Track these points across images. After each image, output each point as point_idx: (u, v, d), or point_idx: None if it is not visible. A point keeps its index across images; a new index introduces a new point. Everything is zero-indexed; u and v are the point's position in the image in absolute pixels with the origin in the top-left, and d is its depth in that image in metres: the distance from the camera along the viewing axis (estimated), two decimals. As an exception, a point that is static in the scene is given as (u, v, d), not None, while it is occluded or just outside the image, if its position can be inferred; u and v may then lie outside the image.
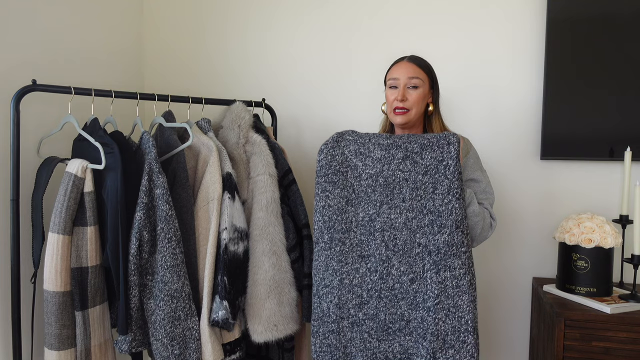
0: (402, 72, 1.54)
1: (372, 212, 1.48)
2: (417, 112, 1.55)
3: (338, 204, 1.49)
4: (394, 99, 1.54)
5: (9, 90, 1.57)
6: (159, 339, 1.52)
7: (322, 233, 1.50)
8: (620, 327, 1.58)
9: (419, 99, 1.54)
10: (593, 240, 1.70)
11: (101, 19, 2.06)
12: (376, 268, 1.47)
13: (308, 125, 2.27)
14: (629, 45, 1.90)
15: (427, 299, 1.42)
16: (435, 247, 1.41)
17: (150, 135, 1.62)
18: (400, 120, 1.55)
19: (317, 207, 1.51)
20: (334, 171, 1.50)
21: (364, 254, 1.49)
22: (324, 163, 1.50)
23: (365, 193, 1.49)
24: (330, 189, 1.49)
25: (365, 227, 1.48)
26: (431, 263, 1.41)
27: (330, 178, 1.50)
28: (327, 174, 1.50)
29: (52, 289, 1.48)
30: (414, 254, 1.45)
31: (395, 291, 1.46)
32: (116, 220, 1.50)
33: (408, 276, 1.45)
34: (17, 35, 1.66)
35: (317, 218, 1.51)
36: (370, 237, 1.48)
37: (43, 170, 1.59)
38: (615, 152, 1.92)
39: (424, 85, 1.55)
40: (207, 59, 2.33)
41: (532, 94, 2.04)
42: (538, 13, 2.01)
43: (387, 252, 1.46)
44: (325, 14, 2.21)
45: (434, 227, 1.41)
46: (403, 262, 1.45)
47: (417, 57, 1.59)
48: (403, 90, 1.53)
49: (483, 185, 1.57)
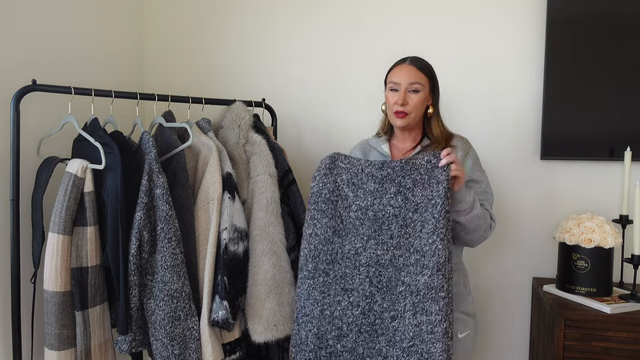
0: (403, 77, 1.53)
1: (359, 246, 1.46)
2: (416, 116, 1.55)
3: (325, 234, 1.47)
4: (394, 102, 1.53)
5: (9, 90, 1.57)
6: (159, 339, 1.52)
7: (306, 261, 1.48)
8: (620, 327, 1.58)
9: (419, 103, 1.54)
10: (593, 240, 1.70)
11: (101, 19, 2.06)
12: (358, 303, 1.45)
13: (308, 125, 2.27)
14: (629, 44, 1.90)
15: (403, 339, 1.40)
16: (416, 287, 1.38)
17: (150, 135, 1.62)
18: (400, 123, 1.55)
19: (305, 235, 1.49)
20: (324, 199, 1.47)
21: (347, 287, 1.46)
22: (315, 190, 1.48)
23: (353, 225, 1.47)
24: (318, 217, 1.47)
25: (350, 260, 1.46)
26: (411, 304, 1.39)
27: (319, 206, 1.47)
28: (317, 202, 1.48)
29: (52, 289, 1.48)
30: (397, 292, 1.43)
31: (375, 327, 1.44)
32: (116, 220, 1.50)
33: (390, 313, 1.43)
34: (17, 35, 1.66)
35: (304, 245, 1.49)
36: (355, 271, 1.46)
37: (43, 170, 1.59)
38: (615, 152, 1.92)
39: (425, 89, 1.54)
40: (207, 59, 2.33)
41: (532, 94, 2.04)
42: (538, 13, 2.01)
43: (370, 288, 1.44)
44: (324, 14, 2.21)
45: (417, 267, 1.39)
46: (386, 299, 1.43)
47: (419, 60, 1.58)
48: (404, 94, 1.52)
49: (483, 185, 1.57)
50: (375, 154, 1.66)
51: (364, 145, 1.71)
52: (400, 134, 1.63)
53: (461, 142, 1.60)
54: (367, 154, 1.68)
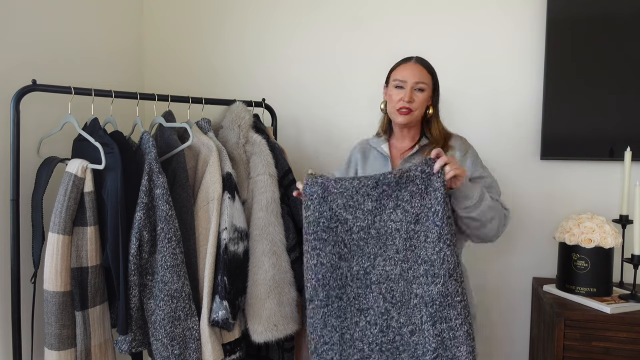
0: (410, 74, 1.54)
1: (367, 265, 1.44)
2: (419, 114, 1.56)
3: (331, 261, 1.44)
4: (399, 99, 1.53)
5: (9, 90, 1.57)
6: (159, 339, 1.52)
7: (316, 291, 1.45)
8: (620, 327, 1.58)
9: (423, 102, 1.55)
10: (593, 240, 1.70)
11: (101, 19, 2.06)
12: (376, 321, 1.44)
13: (308, 125, 2.27)
14: (629, 44, 1.90)
15: (425, 352, 1.38)
16: (430, 298, 1.37)
17: (150, 135, 1.62)
18: (403, 120, 1.54)
19: (309, 265, 1.45)
20: (323, 228, 1.44)
21: (362, 307, 1.45)
22: (312, 220, 1.44)
23: (357, 246, 1.45)
24: (321, 247, 1.44)
25: (361, 280, 1.45)
26: (427, 315, 1.38)
27: (319, 235, 1.44)
28: (316, 232, 1.44)
29: (52, 289, 1.48)
30: (412, 305, 1.41)
31: (396, 343, 1.43)
32: (116, 220, 1.50)
33: (408, 328, 1.42)
34: (17, 35, 1.66)
35: (310, 276, 1.45)
36: (367, 290, 1.44)
37: (43, 170, 1.59)
38: (615, 152, 1.92)
39: (429, 89, 1.55)
40: (207, 59, 2.33)
41: (532, 94, 2.04)
42: (538, 13, 2.01)
43: (385, 305, 1.43)
44: (324, 14, 2.21)
45: (428, 277, 1.38)
46: (402, 313, 1.42)
47: (424, 60, 1.59)
48: (410, 92, 1.52)
49: (488, 181, 1.56)
50: (375, 154, 1.67)
51: (363, 145, 1.72)
52: (399, 133, 1.63)
53: (459, 141, 1.60)
54: (367, 153, 1.69)
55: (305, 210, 1.45)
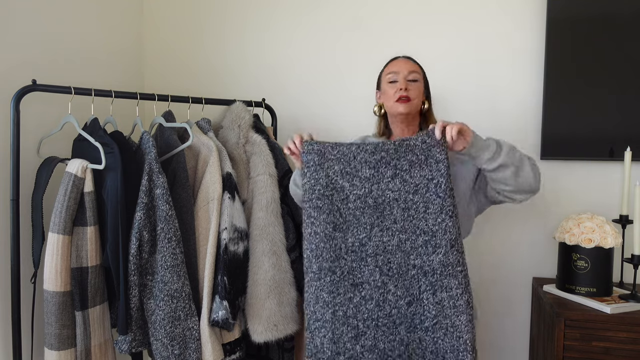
0: (402, 66, 1.56)
1: (363, 236, 1.40)
2: (417, 104, 1.56)
3: (325, 231, 1.39)
4: (395, 90, 1.54)
5: (9, 90, 1.57)
6: (159, 339, 1.52)
7: (310, 262, 1.41)
8: (620, 327, 1.58)
9: (419, 92, 1.56)
10: (593, 240, 1.70)
11: (101, 19, 2.07)
12: (372, 295, 1.39)
13: (308, 125, 2.27)
14: (629, 45, 1.90)
15: (424, 320, 1.37)
16: (431, 268, 1.36)
17: (150, 135, 1.62)
18: (403, 109, 1.52)
19: (305, 235, 1.41)
20: (318, 196, 1.40)
21: (357, 282, 1.40)
22: (308, 187, 1.40)
23: (353, 216, 1.40)
24: (316, 215, 1.40)
25: (356, 253, 1.40)
26: (427, 284, 1.36)
27: (314, 203, 1.40)
28: (311, 199, 1.40)
29: (52, 289, 1.48)
30: (409, 276, 1.39)
31: (393, 317, 1.39)
32: (116, 220, 1.50)
33: (405, 299, 1.39)
34: (17, 35, 1.66)
35: (305, 246, 1.42)
36: (362, 263, 1.40)
37: (43, 170, 1.59)
38: (615, 152, 1.92)
39: (421, 80, 1.58)
40: (207, 59, 2.33)
41: (532, 94, 2.04)
42: (538, 13, 2.01)
43: (382, 277, 1.39)
44: (325, 15, 2.21)
45: (429, 248, 1.36)
46: (399, 285, 1.39)
47: (411, 57, 1.62)
48: (404, 81, 1.53)
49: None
50: None
51: (363, 141, 1.70)
52: (399, 131, 1.62)
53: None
54: None
55: (302, 178, 1.42)
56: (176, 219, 1.56)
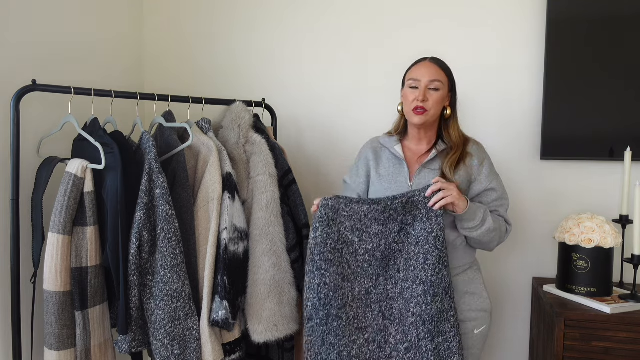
0: (424, 74, 1.53)
1: (369, 286, 1.50)
2: (435, 114, 1.55)
3: (334, 282, 1.48)
4: (414, 99, 1.53)
5: (9, 90, 1.57)
6: (159, 339, 1.52)
7: (316, 310, 1.48)
8: (620, 327, 1.58)
9: (438, 101, 1.54)
10: (593, 240, 1.70)
11: (101, 19, 2.06)
12: (374, 338, 1.50)
13: (308, 125, 2.27)
14: (629, 45, 1.90)
15: None
16: (429, 316, 1.44)
17: (150, 135, 1.62)
18: (418, 120, 1.53)
19: (311, 285, 1.48)
20: (330, 249, 1.48)
21: (361, 326, 1.50)
22: (319, 241, 1.48)
23: (361, 268, 1.50)
24: (326, 267, 1.48)
25: (362, 300, 1.50)
26: (425, 332, 1.45)
27: (325, 256, 1.48)
28: (323, 252, 1.48)
29: (52, 289, 1.48)
30: (408, 323, 1.48)
31: (392, 359, 1.49)
32: (116, 220, 1.50)
33: (404, 345, 1.48)
34: (17, 34, 1.66)
35: (311, 295, 1.49)
36: (367, 310, 1.50)
37: (43, 170, 1.59)
38: (615, 152, 1.92)
39: (444, 88, 1.55)
40: (207, 59, 2.33)
41: (532, 94, 2.04)
42: (538, 13, 2.01)
43: (384, 322, 1.50)
44: (325, 15, 2.21)
45: (427, 297, 1.45)
46: (399, 330, 1.49)
47: (439, 59, 1.59)
48: (424, 91, 1.52)
49: (499, 192, 1.59)
50: (387, 154, 1.64)
51: (374, 144, 1.69)
52: (415, 135, 1.62)
53: (476, 147, 1.60)
54: (379, 153, 1.66)
55: (314, 232, 1.49)
56: (176, 219, 1.56)
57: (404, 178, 1.58)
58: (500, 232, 1.55)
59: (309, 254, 1.50)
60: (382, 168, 1.63)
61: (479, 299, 1.57)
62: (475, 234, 1.49)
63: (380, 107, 2.15)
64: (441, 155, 1.58)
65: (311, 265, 1.49)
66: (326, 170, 2.25)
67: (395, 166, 1.61)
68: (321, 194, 1.84)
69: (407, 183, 1.57)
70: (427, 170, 1.56)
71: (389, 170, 1.61)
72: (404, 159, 1.60)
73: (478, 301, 1.57)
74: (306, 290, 1.50)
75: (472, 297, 1.56)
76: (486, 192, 1.57)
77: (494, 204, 1.58)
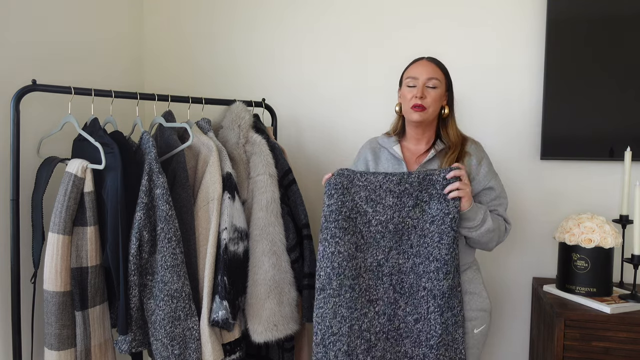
0: (422, 71, 1.54)
1: (381, 258, 1.51)
2: (433, 112, 1.55)
3: (348, 250, 1.48)
4: (412, 97, 1.53)
5: (9, 90, 1.57)
6: (159, 339, 1.52)
7: (330, 280, 1.48)
8: (620, 327, 1.58)
9: (436, 99, 1.54)
10: (593, 240, 1.70)
11: (101, 19, 2.07)
12: (384, 311, 1.51)
13: (308, 125, 2.27)
14: (629, 44, 1.90)
15: (430, 338, 1.48)
16: (441, 291, 1.47)
17: (150, 135, 1.62)
18: (417, 117, 1.54)
19: (325, 253, 1.48)
20: (344, 217, 1.49)
21: (372, 298, 1.51)
22: (334, 208, 1.48)
23: (374, 239, 1.51)
24: (341, 235, 1.48)
25: (373, 272, 1.51)
26: (435, 306, 1.47)
27: (340, 224, 1.48)
28: (337, 220, 1.48)
29: (52, 289, 1.48)
30: (419, 296, 1.50)
31: (400, 330, 1.51)
32: (116, 220, 1.50)
33: (413, 317, 1.50)
34: (17, 34, 1.66)
35: (325, 264, 1.48)
36: (378, 282, 1.51)
37: (43, 170, 1.59)
38: (615, 152, 1.92)
39: (442, 86, 1.55)
40: (207, 59, 2.33)
41: (532, 94, 2.04)
42: (538, 13, 2.01)
43: (394, 295, 1.51)
44: (325, 15, 2.21)
45: (440, 274, 1.47)
46: (409, 303, 1.51)
47: (435, 59, 1.60)
48: (422, 88, 1.52)
49: (498, 191, 1.59)
50: (386, 155, 1.65)
51: (373, 145, 1.69)
52: (414, 135, 1.62)
53: (475, 147, 1.60)
54: (378, 153, 1.67)
55: (329, 199, 1.50)
56: (176, 219, 1.56)
57: None
58: (499, 231, 1.55)
59: (323, 222, 1.49)
60: (381, 168, 1.63)
61: (479, 299, 1.57)
62: (474, 234, 1.50)
63: (380, 107, 2.15)
64: (440, 155, 1.58)
65: (325, 232, 1.49)
66: (326, 170, 2.25)
67: (394, 166, 1.61)
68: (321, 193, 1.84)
69: None
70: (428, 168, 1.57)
71: (388, 171, 1.61)
72: (403, 159, 1.60)
73: (478, 301, 1.57)
74: (319, 260, 1.49)
75: (471, 296, 1.56)
76: (485, 191, 1.57)
77: (493, 203, 1.58)
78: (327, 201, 1.50)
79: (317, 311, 1.49)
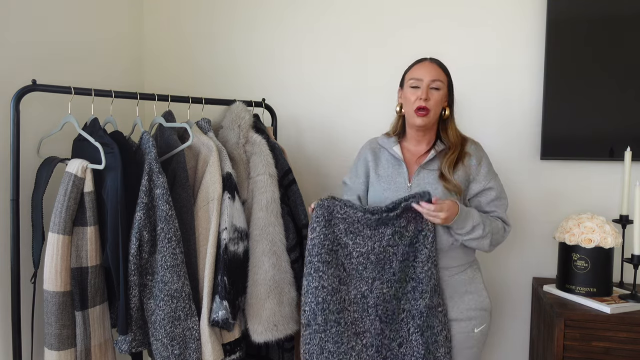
0: (426, 73, 1.53)
1: (365, 289, 1.50)
2: (435, 114, 1.55)
3: (332, 284, 1.47)
4: (416, 99, 1.52)
5: (9, 90, 1.57)
6: (159, 339, 1.52)
7: (315, 315, 1.47)
8: (620, 327, 1.58)
9: (439, 101, 1.54)
10: (593, 240, 1.70)
11: (101, 19, 2.06)
12: (372, 343, 1.50)
13: (308, 125, 2.27)
14: (629, 44, 1.90)
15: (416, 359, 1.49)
16: (418, 311, 1.47)
17: (150, 135, 1.62)
18: (421, 122, 1.53)
19: (309, 288, 1.48)
20: (327, 250, 1.48)
21: (359, 331, 1.50)
22: (317, 242, 1.48)
23: (356, 271, 1.50)
24: (324, 269, 1.47)
25: (358, 305, 1.50)
26: (415, 327, 1.48)
27: (323, 257, 1.47)
28: (320, 253, 1.47)
29: (52, 289, 1.48)
30: (399, 320, 1.50)
31: (388, 359, 1.51)
32: (116, 220, 1.50)
33: (397, 341, 1.50)
34: (17, 34, 1.66)
35: (309, 299, 1.48)
36: (364, 314, 1.50)
37: (43, 170, 1.59)
38: (615, 152, 1.92)
39: (444, 88, 1.55)
40: (207, 59, 2.33)
41: (532, 94, 2.04)
42: (538, 13, 2.01)
43: (381, 325, 1.50)
44: (325, 15, 2.21)
45: (416, 293, 1.47)
46: (392, 329, 1.50)
47: (438, 60, 1.59)
48: (426, 90, 1.52)
49: (497, 192, 1.59)
50: (386, 155, 1.64)
51: (373, 145, 1.69)
52: (414, 136, 1.61)
53: (474, 147, 1.60)
54: (378, 154, 1.66)
55: (311, 232, 1.50)
56: (176, 219, 1.56)
57: (403, 179, 1.58)
58: (497, 234, 1.55)
59: (307, 256, 1.50)
60: (381, 169, 1.63)
61: (479, 298, 1.57)
62: (463, 239, 1.51)
63: (380, 107, 2.15)
64: (440, 155, 1.58)
65: (309, 267, 1.49)
66: (326, 170, 2.25)
67: (394, 167, 1.61)
68: (321, 194, 1.84)
69: (406, 184, 1.57)
70: (426, 170, 1.56)
71: (388, 171, 1.61)
72: (403, 160, 1.60)
73: (478, 300, 1.57)
74: (304, 294, 1.49)
75: (472, 296, 1.56)
76: (484, 191, 1.57)
77: (492, 204, 1.58)
78: (310, 234, 1.50)
79: (304, 347, 1.49)
